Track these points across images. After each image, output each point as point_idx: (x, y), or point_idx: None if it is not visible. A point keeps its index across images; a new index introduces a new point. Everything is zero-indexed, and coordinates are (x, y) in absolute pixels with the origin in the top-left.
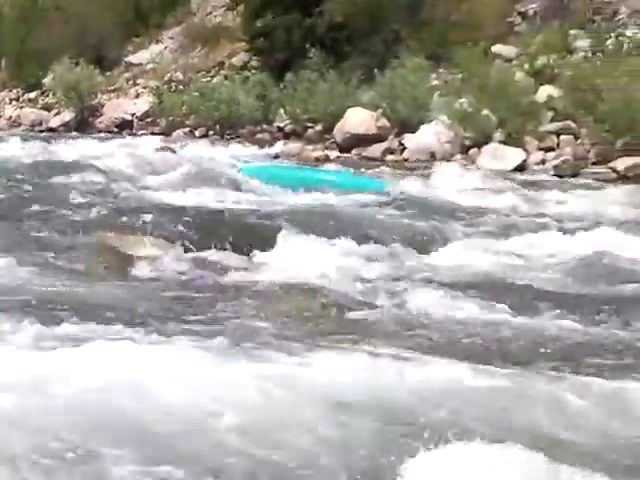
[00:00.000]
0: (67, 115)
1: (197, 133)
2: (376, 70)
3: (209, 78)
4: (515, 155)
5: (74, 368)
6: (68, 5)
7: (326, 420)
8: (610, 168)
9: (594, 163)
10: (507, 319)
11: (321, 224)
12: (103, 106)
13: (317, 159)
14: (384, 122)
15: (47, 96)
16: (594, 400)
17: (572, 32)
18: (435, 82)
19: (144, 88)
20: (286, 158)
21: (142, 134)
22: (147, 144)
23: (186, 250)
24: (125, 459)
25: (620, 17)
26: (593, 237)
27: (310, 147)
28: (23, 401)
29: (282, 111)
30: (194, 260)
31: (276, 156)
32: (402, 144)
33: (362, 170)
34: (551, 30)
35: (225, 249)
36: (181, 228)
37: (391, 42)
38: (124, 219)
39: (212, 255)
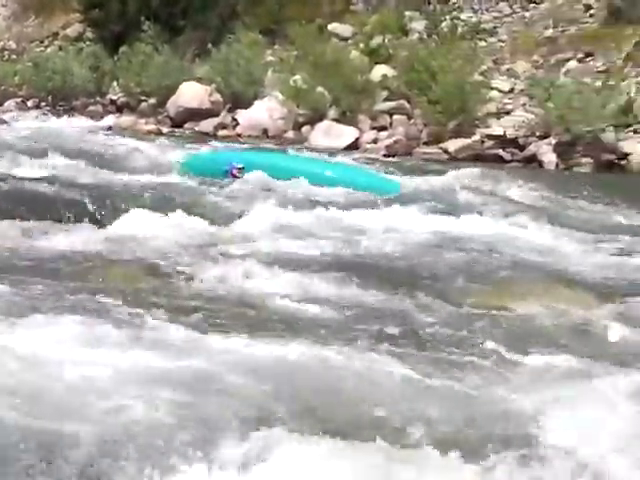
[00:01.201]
0: None
1: (29, 104)
2: (211, 45)
3: (43, 48)
4: (348, 133)
5: None
6: None
7: (138, 398)
8: (441, 149)
9: (426, 143)
10: (325, 294)
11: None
12: None
13: (150, 132)
14: (218, 97)
15: None
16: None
17: (408, 13)
18: (270, 58)
19: None
20: (119, 131)
21: None
22: None
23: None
24: None
25: (455, 1)
26: (422, 215)
27: (143, 121)
28: None
29: (115, 84)
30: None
31: (109, 128)
32: (235, 119)
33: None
34: (387, 10)
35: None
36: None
37: (227, 17)
38: None
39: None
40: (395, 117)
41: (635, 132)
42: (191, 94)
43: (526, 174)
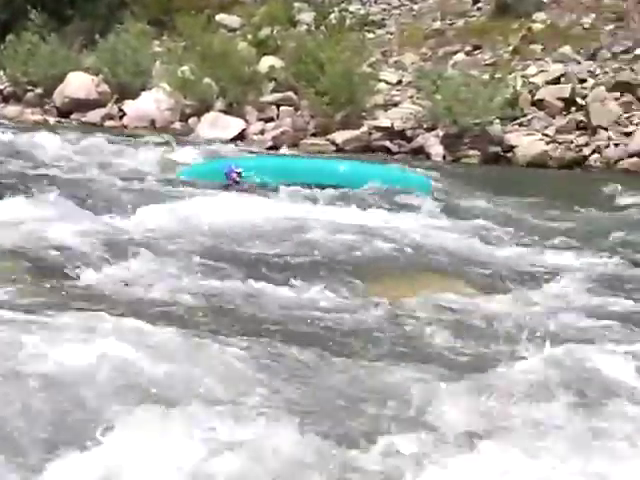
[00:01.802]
0: None
1: None
2: (98, 35)
3: None
4: (235, 125)
5: None
6: None
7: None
8: (328, 140)
9: (313, 135)
10: (207, 285)
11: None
12: None
13: (36, 123)
14: (105, 87)
15: None
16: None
17: (296, 5)
18: (158, 49)
19: None
20: (4, 122)
21: None
22: None
23: None
24: None
25: None
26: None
27: (29, 110)
28: None
29: (2, 73)
30: None
31: None
32: (122, 110)
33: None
34: (275, 2)
35: None
36: None
37: (115, 7)
38: None
39: None
40: (282, 108)
41: (521, 125)
42: (78, 84)
43: (413, 166)
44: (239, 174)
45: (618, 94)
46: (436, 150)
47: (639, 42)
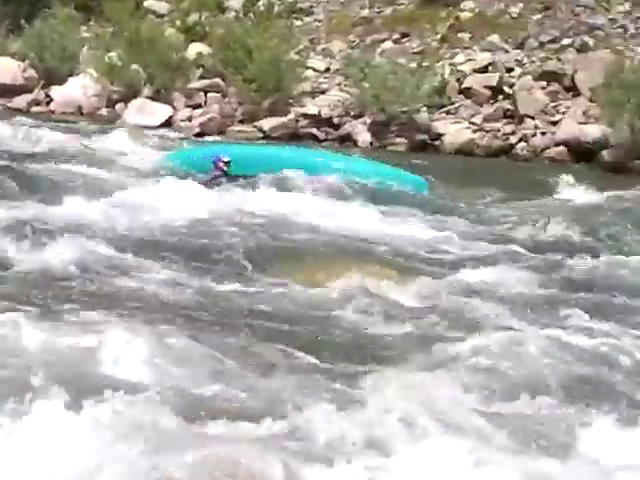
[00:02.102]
0: None
1: None
2: (24, 20)
3: None
4: (162, 111)
5: None
6: None
7: None
8: (256, 127)
9: (241, 122)
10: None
11: None
12: None
13: None
14: (32, 73)
15: None
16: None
17: None
18: (86, 34)
19: None
20: None
21: None
22: None
23: None
24: None
25: None
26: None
27: None
28: None
29: None
30: None
31: None
32: (49, 96)
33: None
34: None
35: None
36: None
37: None
38: None
39: None
40: (210, 95)
41: (448, 113)
42: (4, 70)
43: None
44: (227, 163)
45: (545, 83)
46: (363, 137)
47: (566, 32)
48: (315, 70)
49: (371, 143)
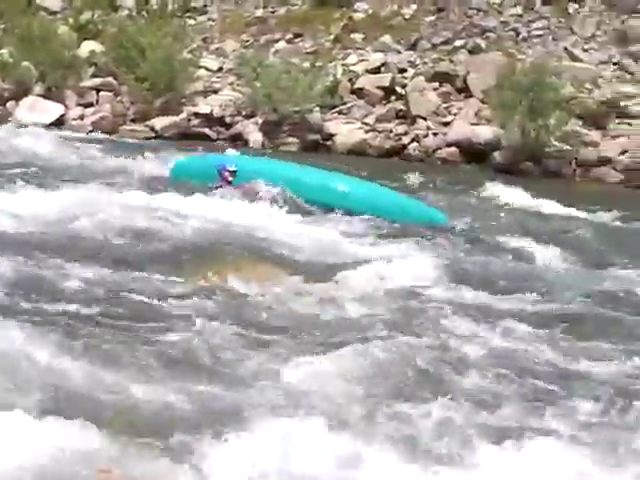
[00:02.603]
0: None
1: None
2: None
3: None
4: (54, 109)
5: None
6: None
7: None
8: (148, 126)
9: (133, 120)
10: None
11: None
12: None
13: None
14: None
15: None
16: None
17: None
18: None
19: None
20: None
21: None
22: None
23: None
24: None
25: None
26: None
27: None
28: None
29: None
30: None
31: None
32: None
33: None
34: None
35: None
36: None
37: None
38: None
39: None
40: (102, 94)
41: (341, 113)
42: None
43: None
44: (233, 173)
45: (437, 84)
46: (255, 137)
47: (458, 34)
48: (208, 69)
49: (263, 143)
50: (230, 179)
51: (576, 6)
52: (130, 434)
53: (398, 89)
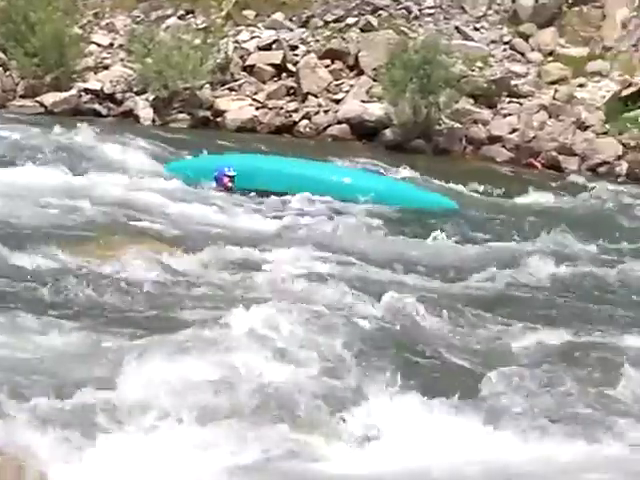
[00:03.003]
0: None
1: None
2: None
3: None
4: None
5: None
6: None
7: None
8: (38, 102)
9: (22, 96)
10: None
11: None
12: None
13: None
14: None
15: None
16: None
17: None
18: None
19: None
20: None
21: None
22: None
23: None
24: None
25: None
26: None
27: None
28: None
29: None
30: None
31: None
32: None
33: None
34: None
35: None
36: None
37: None
38: None
39: None
40: None
41: (231, 90)
42: None
43: (123, 130)
44: (231, 178)
45: (329, 62)
46: (145, 114)
47: (350, 11)
48: (99, 45)
49: (153, 120)
50: (230, 185)
51: None
52: None
53: (289, 66)
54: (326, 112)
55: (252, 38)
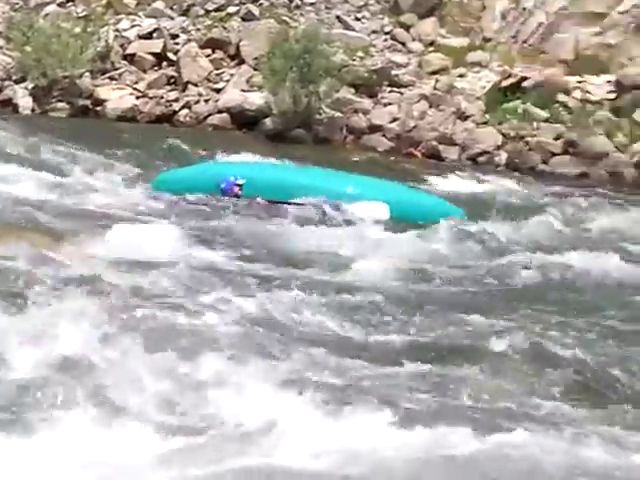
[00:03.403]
0: None
1: None
2: None
3: None
4: None
5: None
6: None
7: None
8: None
9: None
10: None
11: None
12: None
13: None
14: None
15: None
16: None
17: None
18: None
19: None
20: None
21: None
22: None
23: None
24: None
25: None
26: None
27: None
28: None
29: None
30: None
31: None
32: None
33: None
34: None
35: None
36: None
37: None
38: None
39: None
40: None
41: (112, 79)
42: None
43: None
44: (240, 187)
45: (210, 51)
46: (25, 102)
47: (232, 0)
48: None
49: (33, 109)
50: (239, 194)
51: None
52: None
53: (170, 55)
54: (206, 101)
55: (133, 27)
